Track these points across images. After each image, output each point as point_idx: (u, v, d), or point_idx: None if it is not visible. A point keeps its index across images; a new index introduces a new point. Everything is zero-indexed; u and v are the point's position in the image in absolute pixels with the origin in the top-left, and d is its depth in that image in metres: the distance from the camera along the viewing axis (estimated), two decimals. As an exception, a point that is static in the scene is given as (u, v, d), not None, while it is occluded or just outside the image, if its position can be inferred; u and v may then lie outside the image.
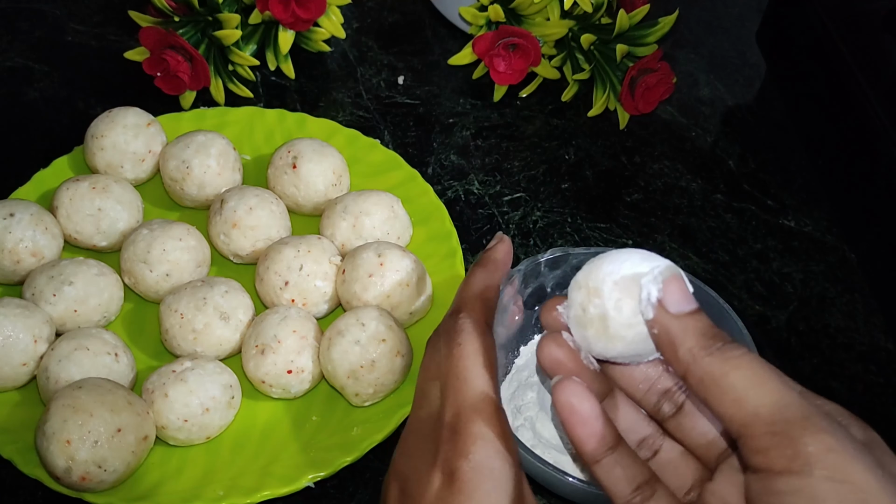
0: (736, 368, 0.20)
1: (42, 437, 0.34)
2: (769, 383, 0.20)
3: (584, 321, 0.23)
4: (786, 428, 0.19)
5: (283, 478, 0.36)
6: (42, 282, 0.39)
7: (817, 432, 0.19)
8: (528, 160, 0.52)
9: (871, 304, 0.46)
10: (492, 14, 0.53)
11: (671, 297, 0.21)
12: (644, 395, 0.25)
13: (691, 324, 0.21)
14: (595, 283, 0.23)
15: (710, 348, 0.21)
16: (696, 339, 0.21)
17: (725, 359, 0.20)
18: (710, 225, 0.50)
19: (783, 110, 0.56)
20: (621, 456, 0.23)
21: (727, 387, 0.20)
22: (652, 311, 0.22)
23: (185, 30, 0.52)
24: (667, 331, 0.21)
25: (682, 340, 0.21)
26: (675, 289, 0.22)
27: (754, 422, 0.19)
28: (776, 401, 0.19)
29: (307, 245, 0.41)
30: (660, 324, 0.21)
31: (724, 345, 0.21)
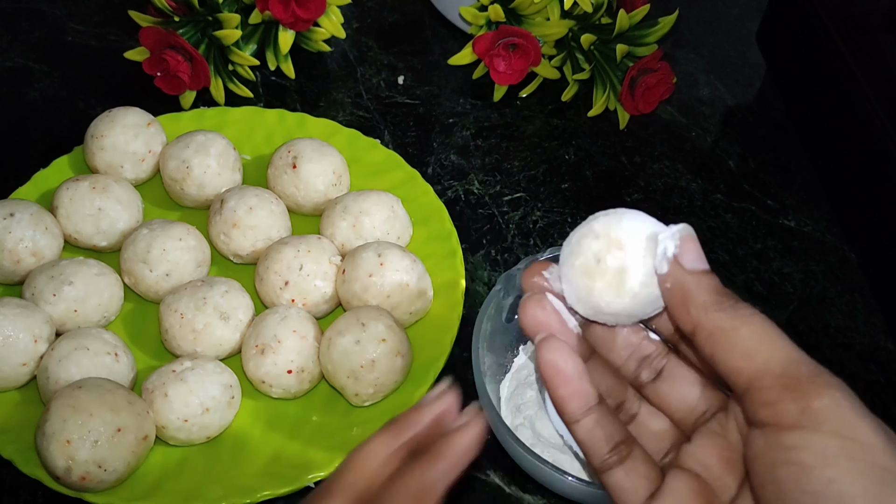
0: (747, 324, 0.20)
1: (42, 437, 0.34)
2: (780, 341, 0.20)
3: (595, 271, 0.22)
4: (796, 382, 0.19)
5: (283, 478, 0.36)
6: (42, 282, 0.39)
7: (827, 389, 0.19)
8: (528, 160, 0.52)
9: (870, 304, 0.46)
10: (492, 14, 0.53)
11: (688, 253, 0.22)
12: (624, 362, 0.25)
13: (705, 280, 0.21)
14: (618, 234, 0.22)
15: (722, 304, 0.21)
16: (709, 295, 0.21)
17: (737, 315, 0.20)
18: (711, 225, 0.50)
19: (783, 110, 0.56)
20: (601, 416, 0.23)
21: (738, 340, 0.20)
22: (667, 266, 0.22)
23: (185, 30, 0.52)
24: (681, 285, 0.21)
25: (696, 295, 0.21)
26: (692, 247, 0.22)
27: (764, 375, 0.19)
28: (787, 356, 0.20)
29: (307, 245, 0.41)
30: (674, 278, 0.21)
31: (736, 302, 0.21)
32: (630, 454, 0.23)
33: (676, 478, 0.22)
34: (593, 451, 0.23)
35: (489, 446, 0.39)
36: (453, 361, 0.42)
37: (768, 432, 0.19)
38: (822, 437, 0.18)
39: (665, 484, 0.22)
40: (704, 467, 0.22)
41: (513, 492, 0.38)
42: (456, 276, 0.43)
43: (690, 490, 0.22)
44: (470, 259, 0.46)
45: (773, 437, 0.19)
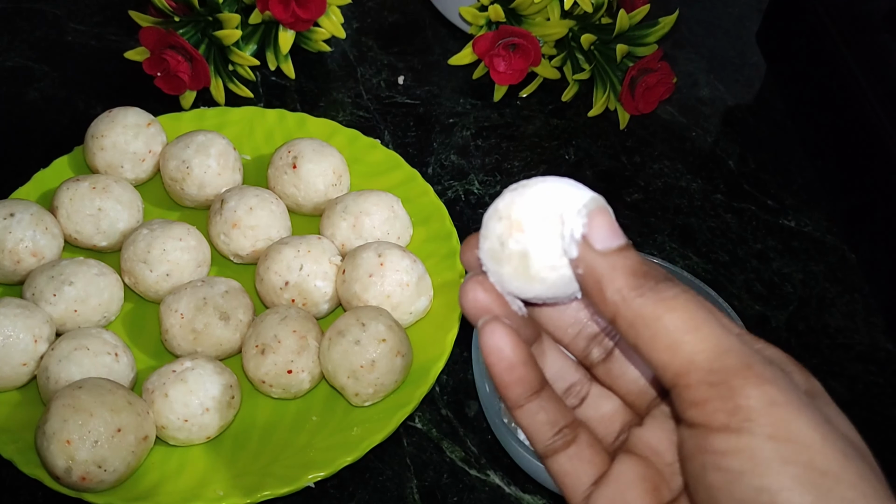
0: (670, 310, 0.18)
1: (42, 437, 0.34)
2: (706, 327, 0.18)
3: (500, 257, 0.20)
4: (725, 377, 0.17)
5: (283, 478, 0.36)
6: (42, 282, 0.39)
7: (759, 383, 0.17)
8: (528, 160, 0.52)
9: (870, 305, 0.46)
10: (492, 14, 0.53)
11: (597, 232, 0.19)
12: (572, 340, 0.23)
13: (620, 261, 0.19)
14: (518, 214, 0.20)
15: (642, 288, 0.18)
16: (625, 279, 0.18)
17: (659, 300, 0.18)
18: (710, 225, 0.50)
19: (783, 110, 0.56)
20: (545, 401, 0.21)
21: (660, 331, 0.18)
22: (576, 249, 0.19)
23: (186, 30, 0.52)
24: (593, 270, 0.19)
25: (610, 280, 0.19)
26: (601, 223, 0.19)
27: (690, 370, 0.17)
28: (714, 346, 0.17)
29: (307, 245, 0.41)
30: (585, 262, 0.19)
31: (656, 283, 0.18)
32: (575, 439, 0.21)
33: (624, 463, 0.21)
34: (537, 436, 0.22)
35: (489, 446, 0.39)
36: (453, 361, 0.42)
37: (697, 434, 0.18)
38: (753, 440, 0.17)
39: (611, 469, 0.21)
40: (654, 452, 0.21)
41: (513, 492, 0.38)
42: (456, 276, 0.43)
43: (637, 476, 0.21)
44: (470, 259, 0.46)
45: (703, 439, 0.18)
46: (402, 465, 0.38)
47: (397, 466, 0.38)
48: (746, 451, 0.17)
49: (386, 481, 0.38)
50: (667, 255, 0.48)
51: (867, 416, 0.41)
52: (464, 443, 0.39)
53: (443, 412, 0.40)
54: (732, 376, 0.17)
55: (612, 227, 0.19)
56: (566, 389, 0.23)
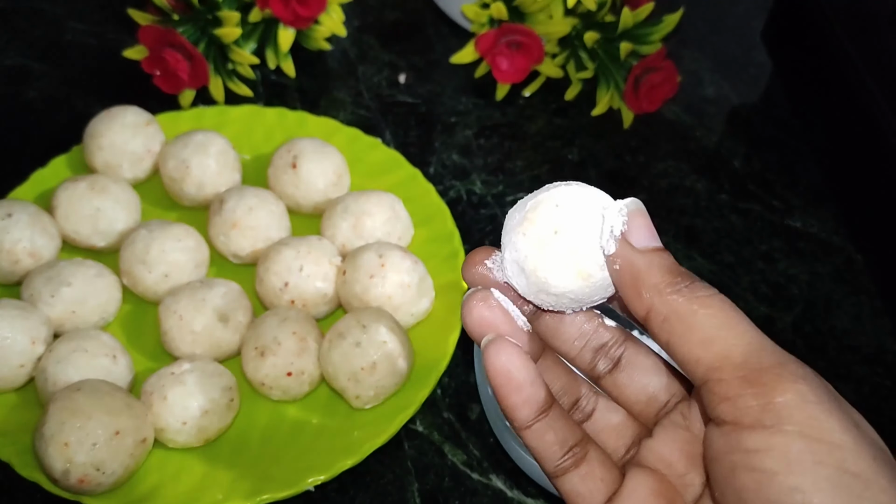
0: (705, 307, 0.18)
1: (40, 440, 0.34)
2: (741, 326, 0.18)
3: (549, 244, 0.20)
4: (758, 374, 0.17)
5: (283, 481, 0.35)
6: (40, 283, 0.39)
7: (793, 380, 0.17)
8: (531, 160, 0.52)
9: (877, 306, 0.46)
10: (494, 12, 0.52)
11: (637, 230, 0.20)
12: (578, 353, 0.23)
13: (657, 259, 0.19)
14: (581, 206, 0.20)
15: (678, 285, 0.19)
16: (661, 276, 0.19)
17: (694, 297, 0.19)
18: (716, 226, 0.49)
19: (789, 110, 0.56)
20: (553, 419, 0.21)
21: (695, 325, 0.18)
22: (615, 245, 0.20)
23: (185, 28, 0.51)
24: (631, 265, 0.19)
25: (647, 276, 0.19)
26: (640, 223, 0.20)
27: (724, 365, 0.18)
28: (749, 344, 0.18)
29: (307, 246, 0.41)
30: (623, 258, 0.20)
31: (693, 282, 0.19)
32: (585, 457, 0.21)
33: (636, 478, 0.21)
34: (546, 456, 0.21)
35: (491, 449, 0.39)
36: (455, 363, 0.41)
37: (728, 432, 0.17)
38: (786, 439, 0.17)
39: (623, 486, 0.21)
40: (667, 464, 0.21)
41: (515, 496, 0.37)
42: (458, 278, 0.43)
43: (651, 491, 0.20)
44: (472, 260, 0.46)
45: (734, 437, 0.17)
46: (403, 469, 0.38)
47: (398, 470, 0.38)
48: (779, 450, 0.17)
49: (387, 485, 0.37)
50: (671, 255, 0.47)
51: (874, 419, 0.40)
52: (466, 446, 0.39)
53: (444, 415, 0.40)
54: (765, 373, 0.17)
55: (650, 228, 0.20)
56: (572, 404, 0.23)
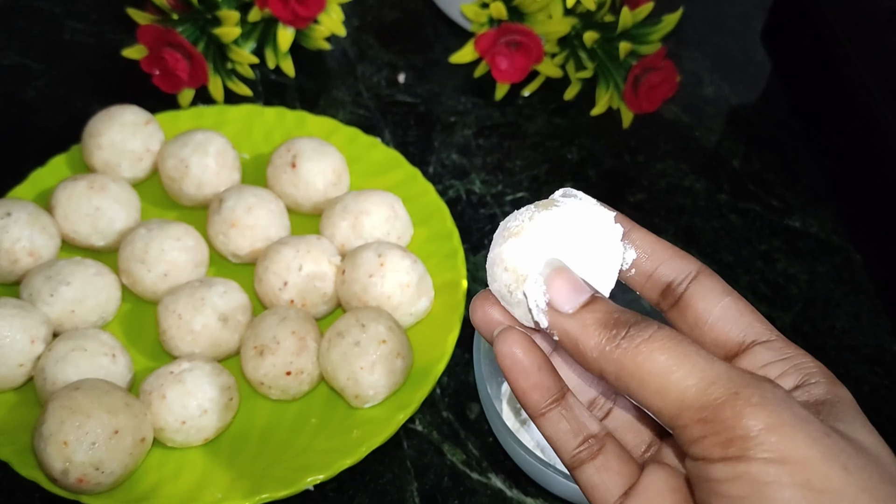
0: (649, 355, 0.18)
1: (39, 439, 0.34)
2: (689, 363, 0.18)
3: (510, 301, 0.21)
4: (715, 412, 0.17)
5: (281, 480, 0.35)
6: (39, 282, 0.39)
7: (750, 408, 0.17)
8: (530, 159, 0.52)
9: (876, 306, 0.46)
10: (494, 12, 0.52)
11: (558, 295, 0.19)
12: None
13: (589, 317, 0.19)
14: (524, 267, 0.20)
15: (616, 338, 0.19)
16: (599, 334, 0.19)
17: (635, 347, 0.18)
18: (715, 225, 0.49)
19: (788, 109, 0.56)
20: (567, 408, 0.21)
21: (645, 378, 0.18)
22: (545, 318, 0.20)
23: (184, 27, 0.51)
24: (566, 334, 0.19)
25: (586, 339, 0.19)
26: (560, 285, 0.20)
27: (682, 410, 0.18)
28: (700, 381, 0.18)
29: (306, 245, 0.41)
30: (558, 329, 0.20)
31: (628, 330, 0.19)
32: (602, 449, 0.21)
33: (653, 473, 0.21)
34: (561, 445, 0.21)
35: (490, 449, 0.39)
36: (454, 363, 0.41)
37: (700, 465, 0.18)
38: (750, 466, 0.17)
39: (640, 481, 0.21)
40: None
41: (515, 495, 0.37)
42: (457, 277, 0.43)
43: (667, 487, 0.20)
44: (471, 259, 0.46)
45: (704, 470, 0.18)
46: (402, 468, 0.38)
47: (398, 469, 0.38)
48: (745, 477, 0.17)
49: (386, 484, 0.37)
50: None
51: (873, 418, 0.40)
52: (465, 445, 0.39)
53: (444, 414, 0.40)
54: (722, 408, 0.17)
55: (572, 284, 0.20)
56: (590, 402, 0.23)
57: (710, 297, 0.21)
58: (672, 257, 0.22)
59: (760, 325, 0.21)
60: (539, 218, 0.21)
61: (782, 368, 0.20)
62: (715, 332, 0.21)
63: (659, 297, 0.22)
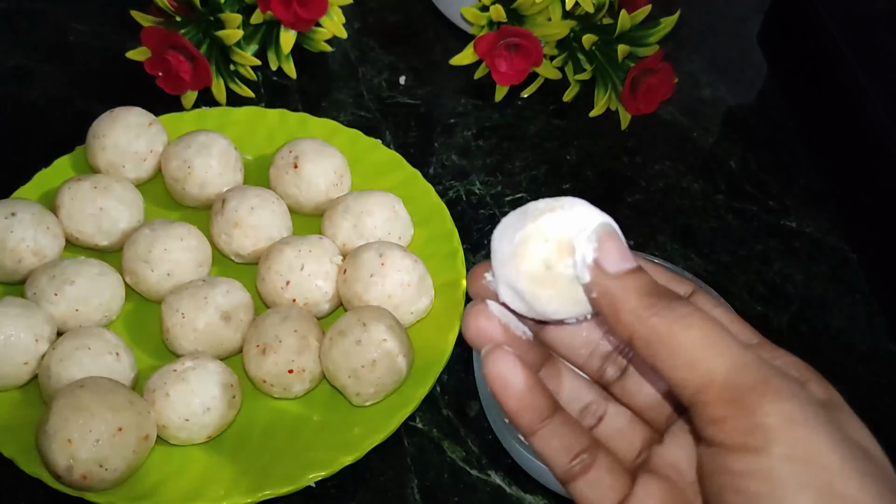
0: (686, 328, 0.18)
1: (43, 436, 0.34)
2: (723, 343, 0.18)
3: (545, 280, 0.20)
4: (743, 395, 0.17)
5: (283, 477, 0.36)
6: (43, 281, 0.39)
7: (778, 399, 0.17)
8: (529, 160, 0.52)
9: (872, 306, 0.46)
10: (493, 14, 0.53)
11: (608, 255, 0.19)
12: (586, 360, 0.23)
13: (632, 283, 0.19)
14: (571, 237, 0.20)
15: (656, 307, 0.18)
16: (639, 299, 0.19)
17: (675, 318, 0.18)
18: (712, 226, 0.50)
19: (785, 111, 0.56)
20: (558, 425, 0.21)
21: (677, 348, 0.18)
22: (588, 274, 0.19)
23: (187, 30, 0.52)
24: (607, 292, 0.19)
25: (625, 301, 0.19)
26: (611, 246, 0.19)
27: (709, 387, 0.17)
28: (732, 363, 0.17)
29: (308, 245, 0.41)
30: (598, 286, 0.19)
31: (671, 302, 0.19)
32: (594, 463, 0.21)
33: (645, 485, 0.21)
34: (553, 462, 0.22)
35: (490, 446, 0.39)
36: (454, 361, 0.42)
37: (715, 453, 0.18)
38: (772, 461, 0.16)
39: (633, 493, 0.21)
40: (676, 471, 0.21)
41: (514, 492, 0.38)
42: (457, 277, 0.43)
43: (659, 499, 0.20)
44: (471, 259, 0.46)
45: (721, 459, 0.17)
46: (402, 466, 0.38)
47: (398, 466, 0.38)
48: (764, 473, 0.17)
49: (387, 481, 0.38)
50: (668, 255, 0.48)
51: (870, 418, 0.41)
52: (465, 443, 0.39)
53: (444, 412, 0.40)
54: (750, 392, 0.17)
55: (622, 250, 0.20)
56: (582, 409, 0.23)
57: None
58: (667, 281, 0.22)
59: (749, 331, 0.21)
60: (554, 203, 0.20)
61: None
62: None
63: None
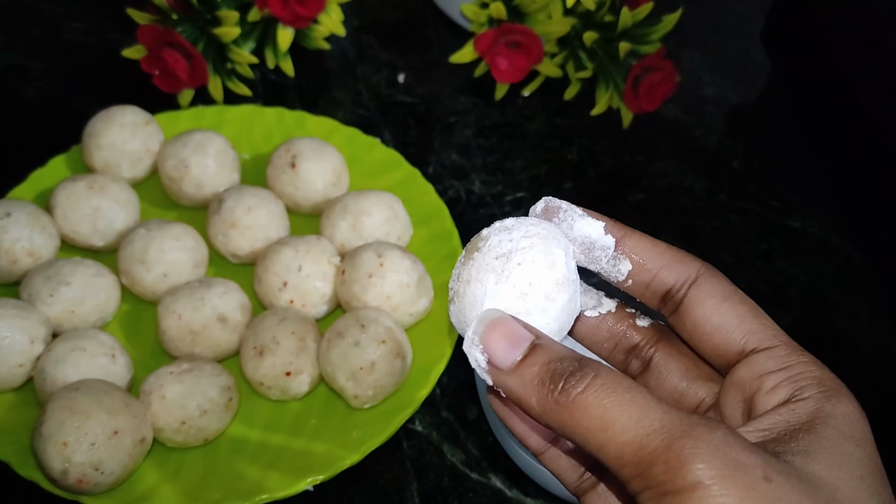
0: (584, 412, 0.18)
1: (39, 439, 0.34)
2: (623, 415, 0.17)
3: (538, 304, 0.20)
4: (649, 468, 0.17)
5: (281, 481, 0.35)
6: (39, 282, 0.39)
7: (682, 462, 0.16)
8: (530, 159, 0.52)
9: (876, 306, 0.46)
10: (493, 12, 0.52)
11: (495, 352, 0.19)
12: (610, 354, 0.23)
13: (528, 375, 0.19)
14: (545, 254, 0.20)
15: (553, 394, 0.18)
16: (536, 393, 0.18)
17: (571, 402, 0.18)
18: (714, 225, 0.49)
19: (788, 109, 0.56)
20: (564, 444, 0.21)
21: (585, 434, 0.18)
22: (489, 378, 0.19)
23: (184, 28, 0.51)
24: (510, 392, 0.19)
25: (527, 399, 0.19)
26: (494, 341, 0.19)
27: (622, 467, 0.17)
28: (634, 435, 0.17)
29: (306, 245, 0.41)
30: (502, 387, 0.19)
31: (563, 385, 0.18)
32: (604, 474, 0.21)
33: None
34: (564, 479, 0.22)
35: (490, 449, 0.39)
36: (454, 363, 0.41)
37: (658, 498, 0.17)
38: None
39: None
40: None
41: (514, 495, 0.37)
42: (457, 277, 0.43)
43: None
44: (471, 259, 0.46)
45: None
46: (402, 469, 0.38)
47: (397, 470, 0.38)
48: None
49: (386, 485, 0.37)
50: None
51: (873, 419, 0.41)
52: (465, 446, 0.39)
53: (443, 415, 0.40)
54: (656, 464, 0.17)
55: (506, 337, 0.19)
56: None
57: (709, 302, 0.21)
58: (670, 261, 0.22)
59: (763, 330, 0.21)
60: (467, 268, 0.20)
61: (776, 380, 0.20)
62: (714, 340, 0.21)
63: (660, 304, 0.22)
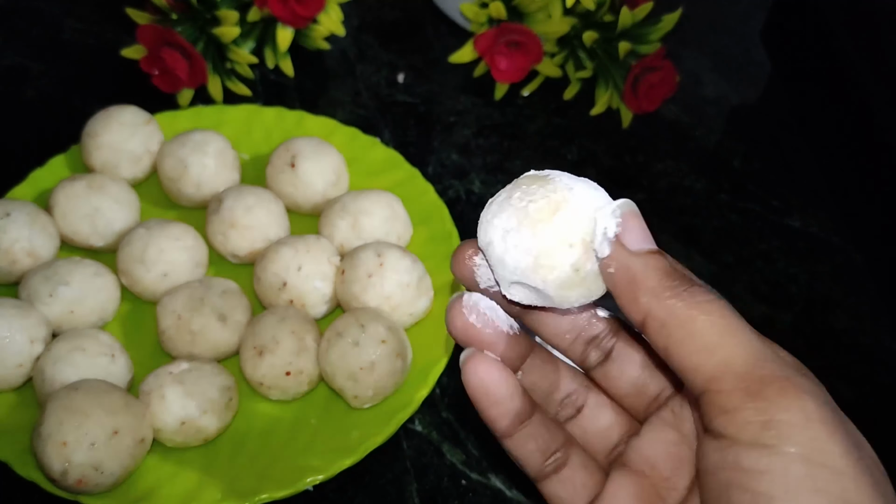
0: (706, 313, 0.17)
1: (38, 439, 0.34)
2: (743, 333, 0.17)
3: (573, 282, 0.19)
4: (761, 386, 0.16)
5: (281, 481, 0.35)
6: (38, 282, 0.39)
7: (797, 396, 0.16)
8: (530, 159, 0.52)
9: (876, 306, 0.46)
10: (493, 11, 0.52)
11: (631, 232, 0.19)
12: (570, 345, 0.22)
13: (653, 262, 0.18)
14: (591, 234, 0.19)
15: (676, 289, 0.18)
16: (659, 280, 0.18)
17: (694, 302, 0.17)
18: (715, 225, 0.49)
19: (788, 109, 0.56)
20: (534, 427, 0.21)
21: (695, 332, 0.17)
22: (608, 248, 0.19)
23: (183, 27, 0.51)
24: (626, 269, 0.18)
25: (644, 280, 0.18)
26: (635, 225, 0.19)
27: (725, 375, 0.16)
28: (752, 353, 0.17)
29: (306, 245, 0.41)
30: (618, 261, 0.18)
31: (692, 286, 0.18)
32: (567, 462, 0.21)
33: (617, 482, 0.20)
34: (527, 462, 0.22)
35: (490, 449, 0.39)
36: (454, 363, 0.41)
37: (725, 446, 0.16)
38: (785, 462, 0.16)
39: (605, 490, 0.20)
40: (651, 466, 0.20)
41: (514, 496, 0.37)
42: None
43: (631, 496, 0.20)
44: (471, 259, 0.46)
45: (731, 454, 0.16)
46: (401, 469, 0.38)
47: (397, 470, 0.38)
48: (777, 473, 0.16)
49: (386, 484, 0.37)
50: (671, 255, 0.47)
51: (873, 419, 0.41)
52: (464, 446, 0.39)
53: (443, 415, 0.40)
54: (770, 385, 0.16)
55: (644, 230, 0.19)
56: (562, 400, 0.23)
57: None
58: None
59: None
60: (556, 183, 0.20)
61: None
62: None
63: None
